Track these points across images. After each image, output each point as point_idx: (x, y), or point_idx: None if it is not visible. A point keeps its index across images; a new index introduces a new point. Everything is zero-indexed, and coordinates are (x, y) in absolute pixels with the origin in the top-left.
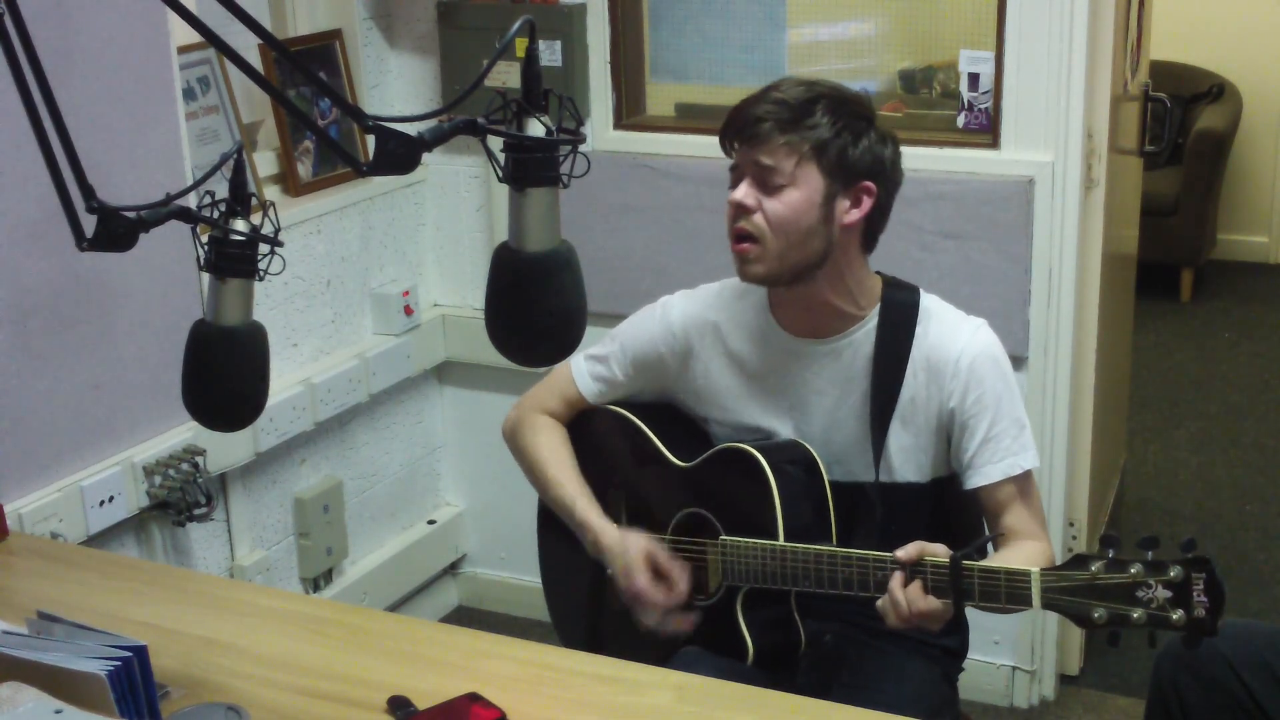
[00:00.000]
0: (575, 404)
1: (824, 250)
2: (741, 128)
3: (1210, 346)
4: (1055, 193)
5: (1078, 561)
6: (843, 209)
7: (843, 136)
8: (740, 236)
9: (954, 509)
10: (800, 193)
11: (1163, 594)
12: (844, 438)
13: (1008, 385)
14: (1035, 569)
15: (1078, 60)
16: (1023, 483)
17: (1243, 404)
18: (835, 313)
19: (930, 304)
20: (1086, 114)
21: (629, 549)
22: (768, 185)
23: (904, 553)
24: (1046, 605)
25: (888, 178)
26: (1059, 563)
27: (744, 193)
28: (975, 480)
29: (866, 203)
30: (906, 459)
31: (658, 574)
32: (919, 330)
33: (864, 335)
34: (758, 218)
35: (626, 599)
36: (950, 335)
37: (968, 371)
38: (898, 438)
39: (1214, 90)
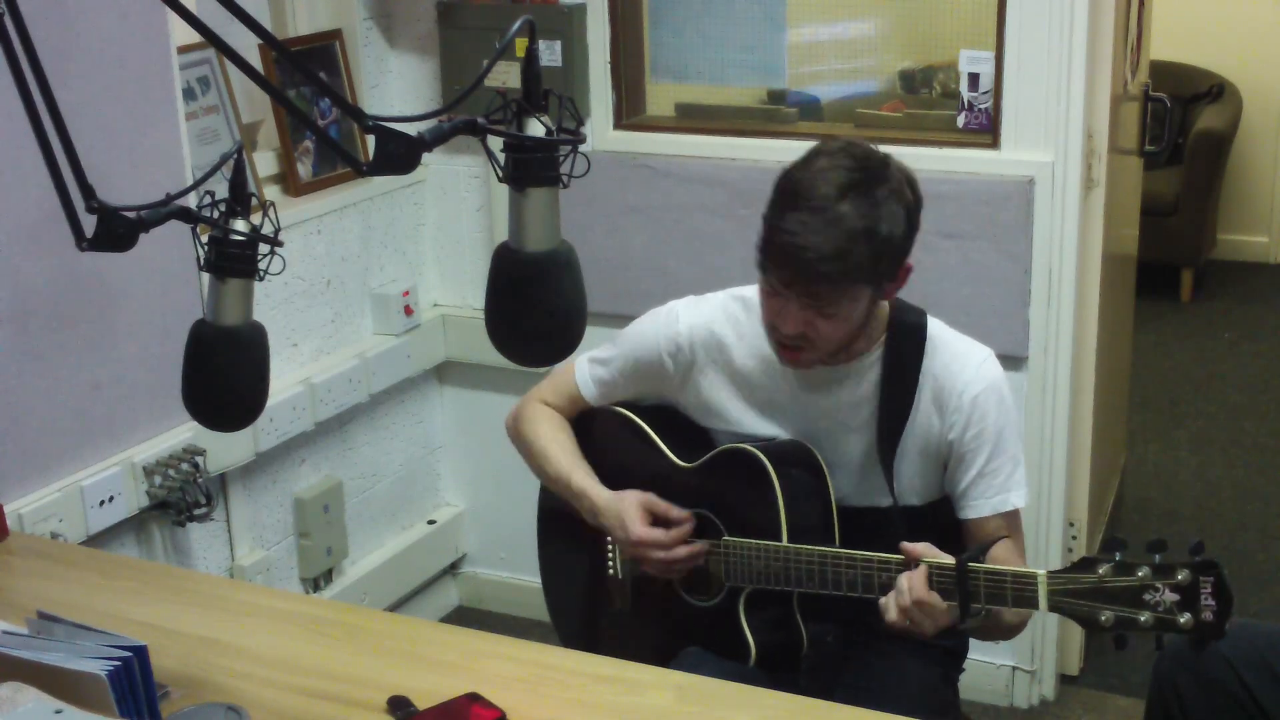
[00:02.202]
0: (577, 403)
1: (866, 322)
2: (795, 276)
3: (1210, 346)
4: (1055, 193)
5: (1085, 564)
6: (888, 291)
7: (885, 262)
8: (787, 344)
9: (950, 532)
10: (852, 306)
11: (1170, 597)
12: (851, 461)
13: (1009, 422)
14: (1042, 571)
15: (1078, 60)
16: (1010, 519)
17: (1243, 404)
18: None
19: (937, 330)
20: (1086, 114)
21: (624, 501)
22: (819, 309)
23: (910, 546)
24: (1053, 608)
25: (915, 234)
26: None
27: (796, 324)
28: (964, 512)
29: (904, 276)
30: (906, 484)
31: (656, 521)
32: (926, 359)
33: (872, 361)
34: (808, 332)
35: (631, 553)
36: (957, 367)
37: (970, 406)
38: (898, 462)
39: (1214, 90)
